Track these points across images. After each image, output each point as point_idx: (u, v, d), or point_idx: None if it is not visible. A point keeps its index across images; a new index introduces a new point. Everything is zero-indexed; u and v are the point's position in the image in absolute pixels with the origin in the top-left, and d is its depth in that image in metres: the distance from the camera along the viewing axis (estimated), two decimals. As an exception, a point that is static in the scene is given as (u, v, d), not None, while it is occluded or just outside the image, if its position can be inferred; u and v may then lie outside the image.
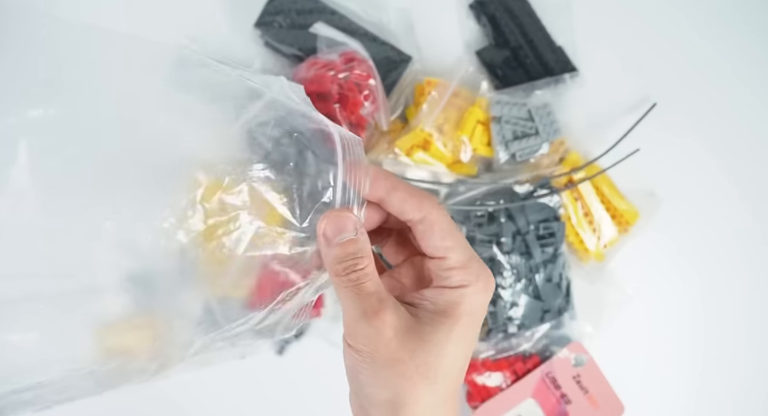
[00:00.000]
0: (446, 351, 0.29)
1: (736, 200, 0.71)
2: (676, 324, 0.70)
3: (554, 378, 0.68)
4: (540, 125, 0.64)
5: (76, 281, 0.30)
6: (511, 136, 0.64)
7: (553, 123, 0.65)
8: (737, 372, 0.70)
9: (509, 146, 0.64)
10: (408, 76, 0.67)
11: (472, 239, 0.63)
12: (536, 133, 0.64)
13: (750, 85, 0.71)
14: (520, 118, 0.64)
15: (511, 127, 0.64)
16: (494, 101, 0.65)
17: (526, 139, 0.64)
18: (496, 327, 0.65)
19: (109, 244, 0.29)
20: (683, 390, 0.70)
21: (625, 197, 0.67)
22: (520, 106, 0.65)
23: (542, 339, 0.68)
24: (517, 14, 0.67)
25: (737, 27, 0.71)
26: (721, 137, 0.71)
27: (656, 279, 0.70)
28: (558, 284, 0.65)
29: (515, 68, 0.68)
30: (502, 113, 0.64)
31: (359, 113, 0.62)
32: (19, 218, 0.27)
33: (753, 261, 0.70)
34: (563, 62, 0.68)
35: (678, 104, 0.70)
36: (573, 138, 0.67)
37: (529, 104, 0.65)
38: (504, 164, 0.65)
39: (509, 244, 0.62)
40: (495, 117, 0.64)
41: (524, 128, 0.64)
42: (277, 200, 0.32)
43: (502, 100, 0.65)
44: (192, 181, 0.31)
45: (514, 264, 0.63)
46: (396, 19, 0.68)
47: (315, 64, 0.63)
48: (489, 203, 0.63)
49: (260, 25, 0.67)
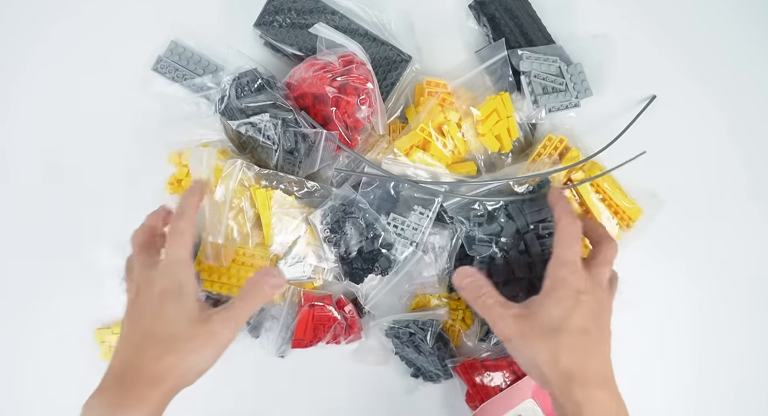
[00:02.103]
0: (550, 312, 0.50)
1: (734, 201, 0.70)
2: (673, 321, 0.70)
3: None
4: (570, 82, 0.65)
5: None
6: (541, 90, 0.65)
7: (584, 81, 0.66)
8: (738, 371, 0.70)
9: (539, 100, 0.65)
10: (408, 76, 0.67)
11: (471, 239, 0.63)
12: (566, 89, 0.65)
13: (755, 82, 0.71)
14: (550, 73, 0.65)
15: (541, 82, 0.64)
16: (524, 57, 0.65)
17: (555, 94, 0.64)
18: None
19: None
20: (683, 387, 0.70)
21: (627, 194, 0.67)
22: (551, 62, 0.65)
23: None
24: (516, 14, 0.67)
25: (743, 24, 0.71)
26: (722, 136, 0.71)
27: (651, 277, 0.70)
28: None
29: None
30: (531, 67, 0.64)
31: (356, 116, 0.62)
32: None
33: (749, 261, 0.70)
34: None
35: (679, 104, 0.70)
36: (573, 136, 0.67)
37: (559, 60, 0.65)
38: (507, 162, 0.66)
39: (509, 244, 0.62)
40: (524, 72, 0.64)
41: (554, 84, 0.65)
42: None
43: (532, 56, 0.65)
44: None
45: (513, 263, 0.63)
46: (396, 19, 0.68)
47: (313, 66, 0.63)
48: (488, 200, 0.63)
49: (260, 24, 0.67)
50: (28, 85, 0.71)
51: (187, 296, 0.49)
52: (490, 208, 0.62)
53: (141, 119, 0.70)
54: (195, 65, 0.70)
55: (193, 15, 0.71)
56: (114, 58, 0.71)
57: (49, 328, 0.70)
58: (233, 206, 0.64)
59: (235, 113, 0.63)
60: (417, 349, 0.66)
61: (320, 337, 0.67)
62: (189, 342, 0.48)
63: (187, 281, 0.50)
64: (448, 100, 0.64)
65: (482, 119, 0.63)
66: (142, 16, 0.71)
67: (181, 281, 0.50)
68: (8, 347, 0.70)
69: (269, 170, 0.65)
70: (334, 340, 0.68)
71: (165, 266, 0.51)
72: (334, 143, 0.63)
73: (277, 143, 0.62)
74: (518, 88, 0.67)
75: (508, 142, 0.63)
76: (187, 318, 0.49)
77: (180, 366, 0.48)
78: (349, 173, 0.65)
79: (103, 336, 0.69)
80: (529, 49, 0.66)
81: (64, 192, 0.70)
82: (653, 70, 0.70)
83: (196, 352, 0.48)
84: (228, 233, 0.63)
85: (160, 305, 0.49)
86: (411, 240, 0.64)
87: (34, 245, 0.70)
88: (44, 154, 0.71)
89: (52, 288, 0.70)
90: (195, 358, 0.48)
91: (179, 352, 0.47)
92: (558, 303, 0.48)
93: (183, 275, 0.50)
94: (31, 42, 0.71)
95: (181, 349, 0.48)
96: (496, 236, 0.62)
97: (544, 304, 0.49)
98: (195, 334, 0.48)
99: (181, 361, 0.48)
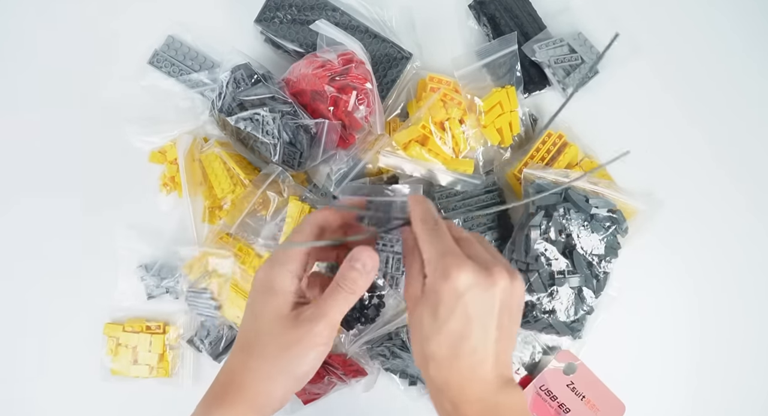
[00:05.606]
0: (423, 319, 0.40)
1: (731, 202, 0.70)
2: (664, 318, 0.70)
3: (548, 390, 0.67)
4: (582, 54, 0.67)
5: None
6: (563, 73, 0.67)
7: (591, 48, 0.68)
8: (736, 369, 0.70)
9: (566, 83, 0.67)
10: (408, 73, 0.67)
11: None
12: (582, 61, 0.67)
13: (752, 81, 0.71)
14: (563, 54, 0.67)
15: (561, 66, 0.67)
16: (537, 47, 0.67)
17: (576, 71, 0.67)
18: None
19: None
20: (681, 386, 0.69)
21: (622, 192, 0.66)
22: (559, 44, 0.67)
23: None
24: (516, 14, 0.68)
25: (743, 26, 0.72)
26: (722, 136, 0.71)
27: (651, 277, 0.69)
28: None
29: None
30: (548, 56, 0.67)
31: (353, 115, 0.62)
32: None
33: (749, 260, 0.70)
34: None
35: (680, 102, 0.71)
36: (572, 133, 0.68)
37: (566, 38, 0.68)
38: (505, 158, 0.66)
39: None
40: (544, 63, 0.67)
41: (571, 62, 0.67)
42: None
43: (543, 45, 0.67)
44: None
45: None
46: (397, 16, 0.69)
47: (313, 63, 0.63)
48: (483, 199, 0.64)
49: (261, 20, 0.67)
50: (28, 84, 0.71)
51: (276, 292, 0.42)
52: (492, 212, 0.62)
53: (137, 111, 0.70)
54: (191, 61, 0.69)
55: (194, 10, 0.71)
56: (112, 50, 0.71)
57: (60, 324, 0.69)
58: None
59: (233, 107, 0.62)
60: (402, 358, 0.65)
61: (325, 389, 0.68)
62: (276, 342, 0.41)
63: (281, 278, 0.42)
64: (449, 97, 0.64)
65: (486, 111, 0.63)
66: (143, 10, 0.71)
67: (274, 276, 0.43)
68: (14, 342, 0.70)
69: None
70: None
71: (265, 264, 0.44)
72: (335, 134, 0.62)
73: (277, 136, 0.61)
74: (533, 83, 0.68)
75: (508, 136, 0.63)
76: (275, 315, 0.42)
77: (264, 370, 0.41)
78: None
79: (113, 331, 0.68)
80: (533, 40, 0.68)
81: (63, 190, 0.70)
82: (653, 70, 0.71)
83: (284, 354, 0.41)
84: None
85: (251, 303, 0.43)
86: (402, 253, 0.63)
87: (43, 243, 0.70)
88: (47, 144, 0.70)
89: (61, 282, 0.70)
90: (284, 362, 0.41)
91: (266, 357, 0.41)
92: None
93: (277, 271, 0.43)
94: (29, 32, 0.71)
95: (265, 350, 0.41)
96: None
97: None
98: (282, 333, 0.41)
99: (266, 364, 0.41)
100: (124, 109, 0.70)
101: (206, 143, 0.68)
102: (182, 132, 0.68)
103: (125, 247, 0.68)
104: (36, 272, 0.69)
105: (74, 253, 0.69)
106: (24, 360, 0.69)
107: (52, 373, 0.69)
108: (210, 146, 0.67)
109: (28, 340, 0.69)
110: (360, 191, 0.62)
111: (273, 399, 0.41)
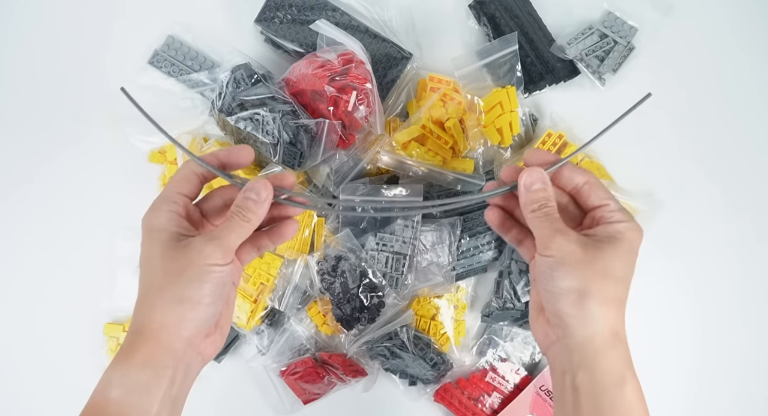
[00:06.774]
0: (616, 262, 0.41)
1: (733, 200, 0.71)
2: (664, 318, 0.70)
3: (548, 390, 0.67)
4: (615, 35, 0.67)
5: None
6: (597, 62, 0.67)
7: (624, 24, 0.68)
8: (737, 369, 0.70)
9: (601, 70, 0.67)
10: (408, 73, 0.67)
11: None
12: (615, 43, 0.67)
13: (755, 81, 0.71)
14: (594, 43, 0.67)
15: (593, 56, 0.67)
16: (566, 44, 0.67)
17: (610, 56, 0.67)
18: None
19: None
20: (682, 386, 0.70)
21: (622, 192, 0.67)
22: (588, 33, 0.67)
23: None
24: (517, 14, 0.68)
25: (744, 26, 0.72)
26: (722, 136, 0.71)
27: (651, 277, 0.69)
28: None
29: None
30: (579, 51, 0.67)
31: (353, 115, 0.62)
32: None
33: (749, 261, 0.70)
34: (564, 61, 0.69)
35: (680, 102, 0.70)
36: (572, 133, 0.67)
37: (594, 25, 0.67)
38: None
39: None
40: (577, 58, 0.67)
41: (604, 47, 0.67)
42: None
43: (571, 39, 0.67)
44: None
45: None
46: (397, 16, 0.69)
47: (313, 63, 0.63)
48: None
49: (261, 20, 0.67)
50: (28, 84, 0.71)
51: (158, 229, 0.42)
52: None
53: (137, 111, 0.69)
54: (191, 61, 0.69)
55: (194, 10, 0.71)
56: (113, 49, 0.71)
57: (59, 322, 0.70)
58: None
59: (233, 107, 0.62)
60: (402, 358, 0.65)
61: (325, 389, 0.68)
62: (166, 271, 0.41)
63: (159, 217, 0.43)
64: (449, 96, 0.64)
65: (486, 111, 0.63)
66: (143, 10, 0.71)
67: (153, 218, 0.43)
68: (15, 340, 0.70)
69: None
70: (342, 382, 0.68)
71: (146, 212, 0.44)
72: (335, 134, 0.62)
73: (277, 136, 0.61)
74: (533, 83, 0.68)
75: (508, 136, 0.63)
76: (161, 248, 0.41)
77: (159, 303, 0.40)
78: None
79: (113, 331, 0.68)
80: (555, 46, 0.68)
81: (63, 190, 0.70)
82: (653, 70, 0.71)
83: (175, 286, 0.40)
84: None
85: (141, 252, 0.43)
86: (403, 254, 0.63)
87: (43, 239, 0.70)
88: (47, 144, 0.70)
89: (62, 282, 0.70)
90: (178, 288, 0.40)
91: (159, 290, 0.41)
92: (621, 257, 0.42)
93: (154, 214, 0.43)
94: (29, 32, 0.71)
95: (158, 286, 0.41)
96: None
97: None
98: (171, 261, 0.41)
99: (160, 297, 0.40)
100: (124, 109, 0.70)
101: (206, 143, 0.68)
102: (182, 132, 0.68)
103: (125, 247, 0.68)
104: (36, 273, 0.70)
105: (74, 253, 0.69)
106: (24, 360, 0.69)
107: (52, 373, 0.69)
108: (210, 146, 0.67)
109: (29, 340, 0.69)
110: (360, 191, 0.62)
111: (179, 332, 0.40)
